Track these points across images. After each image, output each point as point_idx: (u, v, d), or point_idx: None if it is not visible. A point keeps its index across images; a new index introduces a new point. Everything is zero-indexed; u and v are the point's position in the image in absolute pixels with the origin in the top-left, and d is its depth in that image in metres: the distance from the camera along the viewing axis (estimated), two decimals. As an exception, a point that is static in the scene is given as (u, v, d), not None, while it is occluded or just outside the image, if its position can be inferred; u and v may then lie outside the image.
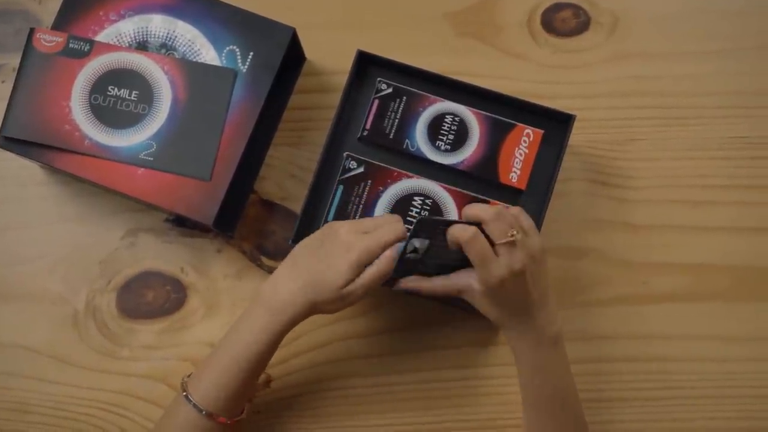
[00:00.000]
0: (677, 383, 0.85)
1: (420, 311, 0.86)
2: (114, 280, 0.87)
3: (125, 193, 0.81)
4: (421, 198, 0.82)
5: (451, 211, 0.82)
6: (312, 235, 0.74)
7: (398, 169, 0.83)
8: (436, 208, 0.82)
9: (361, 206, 0.82)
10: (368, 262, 0.70)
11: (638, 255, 0.87)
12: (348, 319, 0.86)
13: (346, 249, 0.70)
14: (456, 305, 0.84)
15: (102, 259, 0.87)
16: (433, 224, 0.68)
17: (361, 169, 0.83)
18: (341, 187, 0.82)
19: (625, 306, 0.86)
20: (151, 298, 0.87)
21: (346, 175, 0.82)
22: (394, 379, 0.85)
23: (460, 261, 0.70)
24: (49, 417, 0.84)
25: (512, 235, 0.67)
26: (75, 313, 0.86)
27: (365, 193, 0.82)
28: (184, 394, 0.72)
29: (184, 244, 0.87)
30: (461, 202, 0.82)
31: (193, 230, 0.88)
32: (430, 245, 0.70)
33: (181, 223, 0.88)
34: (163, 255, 0.87)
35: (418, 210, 0.82)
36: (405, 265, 0.72)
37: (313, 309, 0.72)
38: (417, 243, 0.69)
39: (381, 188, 0.82)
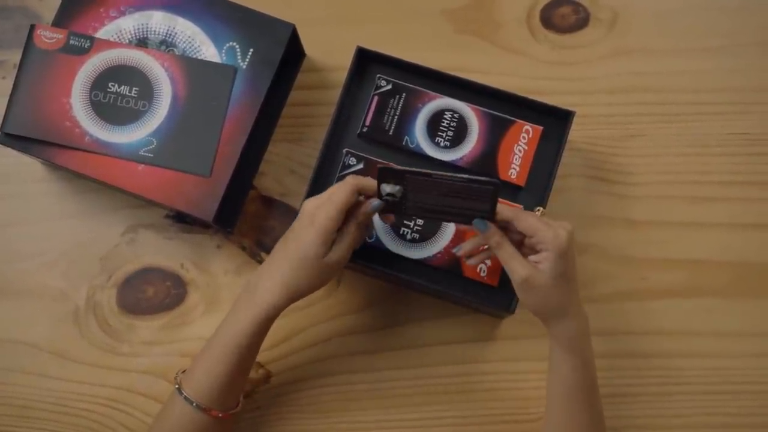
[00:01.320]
0: (677, 379, 0.85)
1: (420, 307, 0.86)
2: (114, 276, 0.87)
3: (125, 190, 0.81)
4: None
5: None
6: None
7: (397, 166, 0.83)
8: None
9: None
10: (332, 227, 0.71)
11: (637, 251, 0.87)
12: (348, 315, 0.86)
13: (310, 221, 0.71)
14: (456, 302, 0.84)
15: (102, 256, 0.87)
16: (395, 173, 0.69)
17: (361, 166, 0.83)
18: (341, 183, 0.82)
19: (625, 302, 0.86)
20: (152, 294, 0.87)
21: (346, 172, 0.83)
22: (394, 375, 0.85)
23: (449, 207, 0.71)
24: (49, 413, 0.85)
25: (539, 210, 0.72)
26: (75, 309, 0.87)
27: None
28: (177, 388, 0.72)
29: (184, 240, 0.88)
30: None
31: (193, 226, 0.88)
32: (405, 191, 0.70)
33: (181, 219, 0.88)
34: (164, 251, 0.87)
35: None
36: (389, 210, 0.73)
37: (292, 291, 0.72)
38: (388, 188, 0.70)
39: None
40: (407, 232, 0.81)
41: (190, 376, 0.73)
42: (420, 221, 0.81)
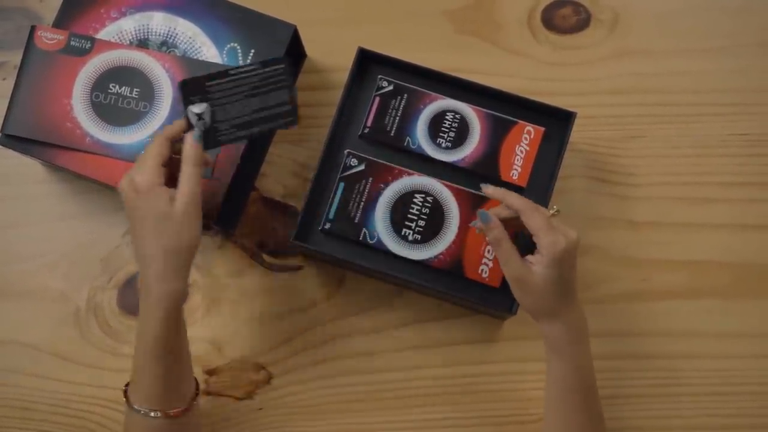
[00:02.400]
0: (678, 380, 0.85)
1: (421, 309, 0.86)
2: (115, 278, 0.87)
3: (126, 191, 0.81)
4: (422, 195, 0.82)
5: (453, 208, 0.82)
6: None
7: (399, 167, 0.83)
8: (437, 205, 0.82)
9: (362, 203, 0.82)
10: (155, 180, 0.67)
11: (639, 252, 0.87)
12: (349, 317, 0.86)
13: (133, 190, 0.67)
14: (458, 303, 0.84)
15: (103, 257, 0.87)
16: (195, 81, 0.70)
17: (362, 167, 0.83)
18: (342, 184, 0.82)
19: (626, 303, 0.86)
20: (153, 296, 0.87)
21: (347, 173, 0.83)
22: (397, 376, 0.85)
23: (256, 113, 0.72)
24: (50, 414, 0.85)
25: (553, 213, 0.71)
26: (76, 311, 0.86)
27: (366, 190, 0.82)
28: (126, 401, 0.71)
29: (185, 241, 0.87)
30: (462, 199, 0.82)
31: (194, 228, 0.88)
32: (213, 109, 0.71)
33: (183, 221, 0.88)
34: (165, 252, 0.87)
35: (419, 207, 0.82)
36: (209, 141, 0.72)
37: (172, 261, 0.68)
38: (196, 109, 0.70)
39: (382, 186, 0.82)
40: (409, 234, 0.81)
41: (134, 386, 0.71)
42: (421, 223, 0.81)
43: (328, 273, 0.87)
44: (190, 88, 0.71)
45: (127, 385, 0.73)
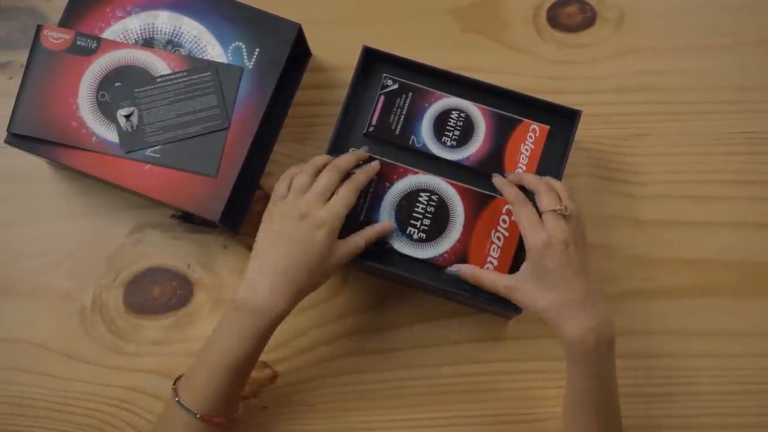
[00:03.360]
0: (684, 379, 0.85)
1: (427, 307, 0.86)
2: (121, 276, 0.87)
3: (132, 190, 0.81)
4: (427, 194, 0.82)
5: (458, 207, 0.81)
6: (262, 227, 0.75)
7: (404, 165, 0.83)
8: (442, 204, 0.82)
9: (367, 202, 0.82)
10: (338, 228, 0.73)
11: (645, 251, 0.87)
12: (354, 315, 0.86)
13: (315, 226, 0.71)
14: (463, 302, 0.84)
15: (109, 255, 0.87)
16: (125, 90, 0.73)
17: (367, 166, 0.83)
18: (347, 183, 0.82)
19: (632, 302, 0.86)
20: (158, 294, 0.87)
21: (352, 171, 0.82)
22: (401, 375, 0.85)
23: (184, 117, 0.75)
24: (55, 412, 0.85)
25: (560, 209, 0.70)
26: (82, 309, 0.87)
27: (371, 189, 0.82)
28: (177, 399, 0.72)
29: (190, 240, 0.88)
30: (467, 197, 0.82)
31: (199, 226, 0.88)
32: (140, 112, 0.74)
33: (188, 220, 0.88)
34: (170, 251, 0.87)
35: (423, 206, 0.81)
36: (136, 142, 0.75)
37: (300, 295, 0.72)
38: (123, 112, 0.74)
39: (387, 184, 0.82)
40: (414, 232, 0.81)
41: (189, 384, 0.72)
42: (426, 221, 0.81)
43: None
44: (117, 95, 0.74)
45: (179, 377, 0.74)
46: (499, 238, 0.80)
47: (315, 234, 0.71)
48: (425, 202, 0.82)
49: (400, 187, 0.82)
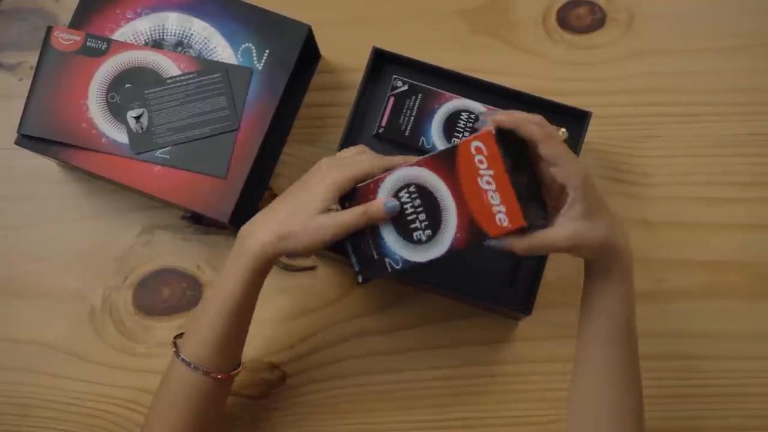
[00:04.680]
0: (694, 381, 0.85)
1: (436, 308, 0.86)
2: (130, 277, 0.87)
3: (142, 191, 0.81)
4: (404, 190, 0.74)
5: (433, 180, 0.71)
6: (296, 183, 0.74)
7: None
8: (421, 189, 0.72)
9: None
10: (343, 187, 0.71)
11: (655, 252, 0.86)
12: (364, 316, 0.86)
13: (321, 178, 0.71)
14: (473, 304, 0.84)
15: (118, 257, 0.88)
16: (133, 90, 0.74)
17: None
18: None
19: (642, 304, 0.84)
20: (168, 295, 0.87)
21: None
22: (411, 376, 0.85)
23: (195, 118, 0.75)
24: (64, 413, 0.85)
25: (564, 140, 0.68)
26: (92, 310, 0.87)
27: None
28: (175, 351, 0.71)
29: (200, 241, 0.88)
30: (433, 165, 0.71)
31: (209, 227, 0.88)
32: (150, 114, 0.74)
33: (197, 221, 0.88)
34: (179, 252, 0.87)
35: (410, 203, 0.72)
36: (146, 143, 0.75)
37: (283, 237, 0.69)
38: (133, 113, 0.75)
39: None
40: (420, 234, 0.73)
41: (187, 339, 0.72)
42: (422, 216, 0.73)
43: (342, 273, 0.87)
44: (128, 97, 0.74)
45: (178, 336, 0.73)
46: (488, 182, 0.68)
47: (318, 185, 0.71)
48: (409, 199, 0.73)
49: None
